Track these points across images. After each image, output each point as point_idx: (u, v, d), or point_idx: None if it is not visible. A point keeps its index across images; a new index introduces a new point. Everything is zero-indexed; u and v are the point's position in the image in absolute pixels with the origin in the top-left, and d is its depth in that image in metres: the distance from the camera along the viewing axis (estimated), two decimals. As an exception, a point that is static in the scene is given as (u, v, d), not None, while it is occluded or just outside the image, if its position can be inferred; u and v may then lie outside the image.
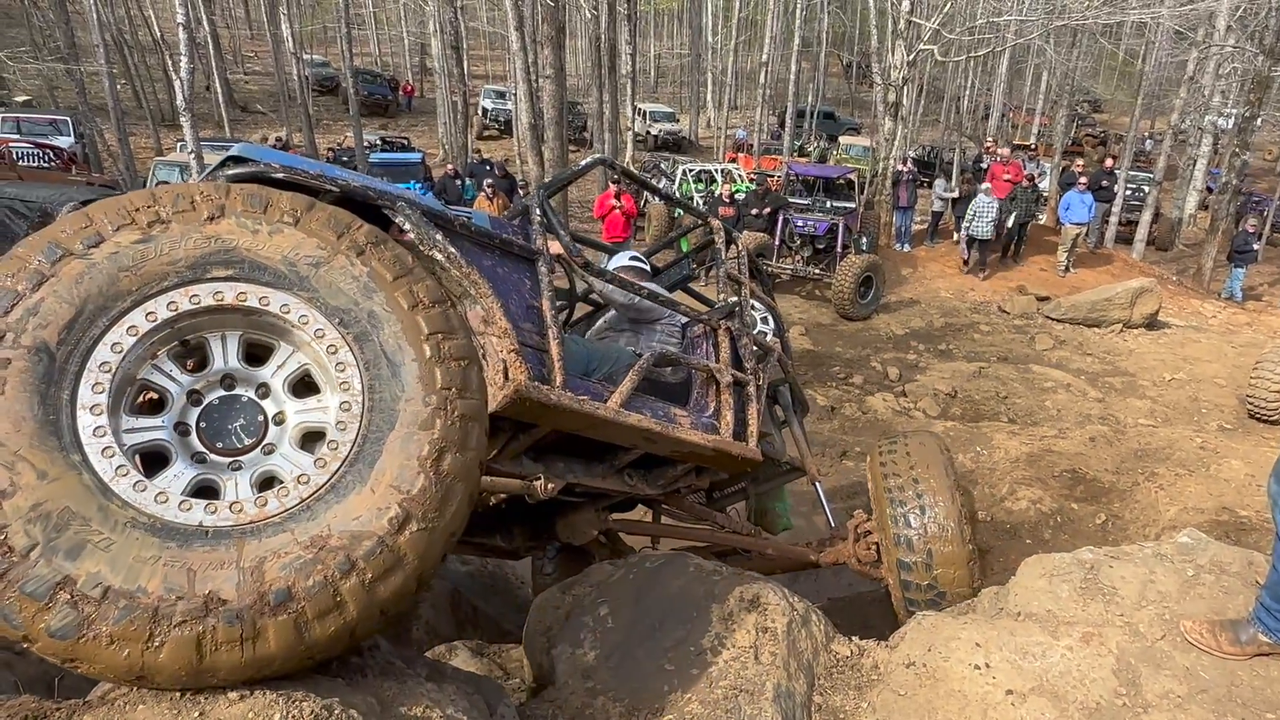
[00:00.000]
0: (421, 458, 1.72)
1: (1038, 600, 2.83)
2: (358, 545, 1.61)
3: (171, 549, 1.51)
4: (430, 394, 1.79)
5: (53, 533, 1.44)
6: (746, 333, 3.61)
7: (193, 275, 1.72)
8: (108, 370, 1.62)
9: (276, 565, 1.55)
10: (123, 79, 26.65)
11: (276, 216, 1.82)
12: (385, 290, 1.85)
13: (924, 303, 14.41)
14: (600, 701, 2.38)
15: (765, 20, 28.23)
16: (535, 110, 14.00)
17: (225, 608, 1.49)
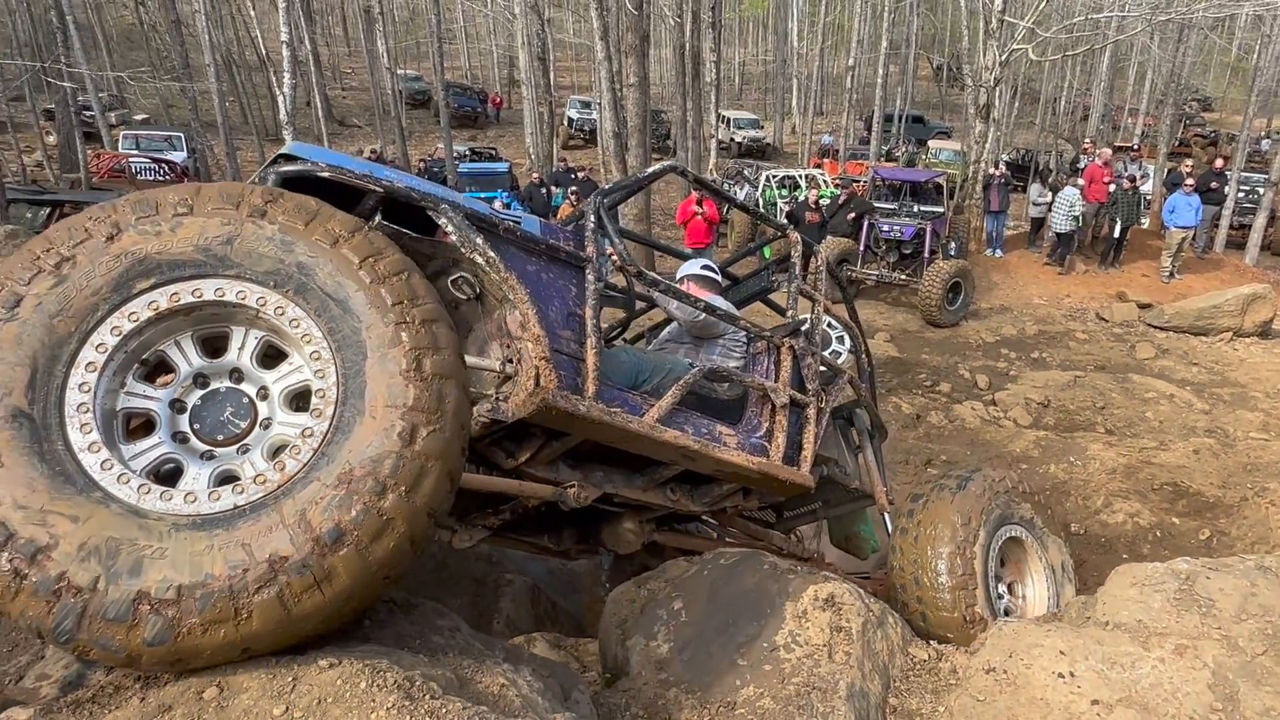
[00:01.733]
0: (403, 371, 1.81)
1: (1127, 610, 2.73)
2: (381, 467, 1.71)
3: (220, 534, 1.62)
4: (385, 313, 1.85)
5: (108, 561, 1.55)
6: (813, 352, 3.49)
7: (120, 296, 1.77)
8: (86, 410, 1.70)
9: (318, 511, 1.66)
10: (231, 96, 28.08)
11: (170, 212, 1.86)
12: (302, 239, 1.89)
13: (1016, 309, 13.97)
14: (673, 693, 2.41)
15: (852, 24, 27.86)
16: (619, 119, 14.17)
17: (289, 562, 1.60)
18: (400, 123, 24.82)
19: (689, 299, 3.19)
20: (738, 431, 3.14)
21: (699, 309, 3.21)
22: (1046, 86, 32.60)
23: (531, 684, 1.91)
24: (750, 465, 3.05)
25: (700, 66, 23.23)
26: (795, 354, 3.40)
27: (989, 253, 16.22)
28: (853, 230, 13.74)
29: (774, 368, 3.39)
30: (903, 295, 13.80)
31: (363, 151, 23.44)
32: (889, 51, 26.84)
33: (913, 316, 13.04)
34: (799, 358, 3.41)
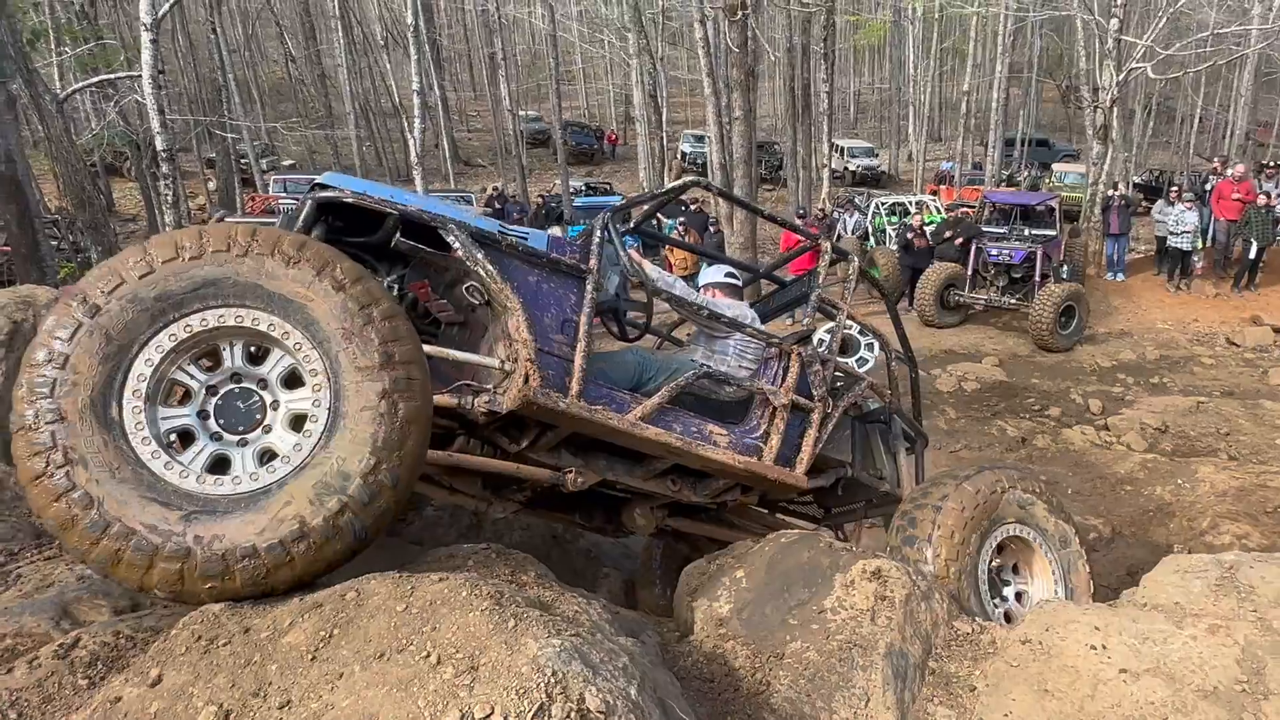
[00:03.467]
0: (376, 364, 2.27)
1: (1166, 593, 2.90)
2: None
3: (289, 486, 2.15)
4: (358, 326, 2.27)
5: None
6: (823, 359, 3.64)
7: (181, 311, 2.19)
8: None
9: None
10: (368, 141, 30.22)
11: (241, 249, 2.26)
12: (316, 282, 2.28)
13: (1136, 334, 13.51)
14: (730, 645, 2.75)
15: (968, 48, 27.52)
16: (726, 151, 14.63)
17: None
18: (521, 161, 26.14)
19: (688, 305, 3.47)
20: (731, 431, 3.40)
21: (701, 315, 3.50)
22: (1182, 105, 31.14)
23: (601, 614, 2.31)
24: (736, 463, 3.32)
25: (811, 97, 23.51)
26: (802, 360, 3.58)
27: (1109, 276, 15.72)
28: (960, 255, 13.68)
29: (781, 373, 3.59)
30: (1013, 319, 13.60)
31: (486, 189, 24.81)
32: (1008, 75, 26.33)
33: (1023, 341, 12.84)
34: (806, 364, 3.58)
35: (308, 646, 1.93)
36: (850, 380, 3.98)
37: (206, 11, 21.28)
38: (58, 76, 15.54)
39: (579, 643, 1.94)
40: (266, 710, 1.79)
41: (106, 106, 16.88)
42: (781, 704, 2.53)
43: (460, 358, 2.96)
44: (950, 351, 12.60)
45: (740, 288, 4.12)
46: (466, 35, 47.68)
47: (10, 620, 2.38)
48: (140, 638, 2.25)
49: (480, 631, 1.91)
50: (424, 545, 3.98)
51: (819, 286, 3.83)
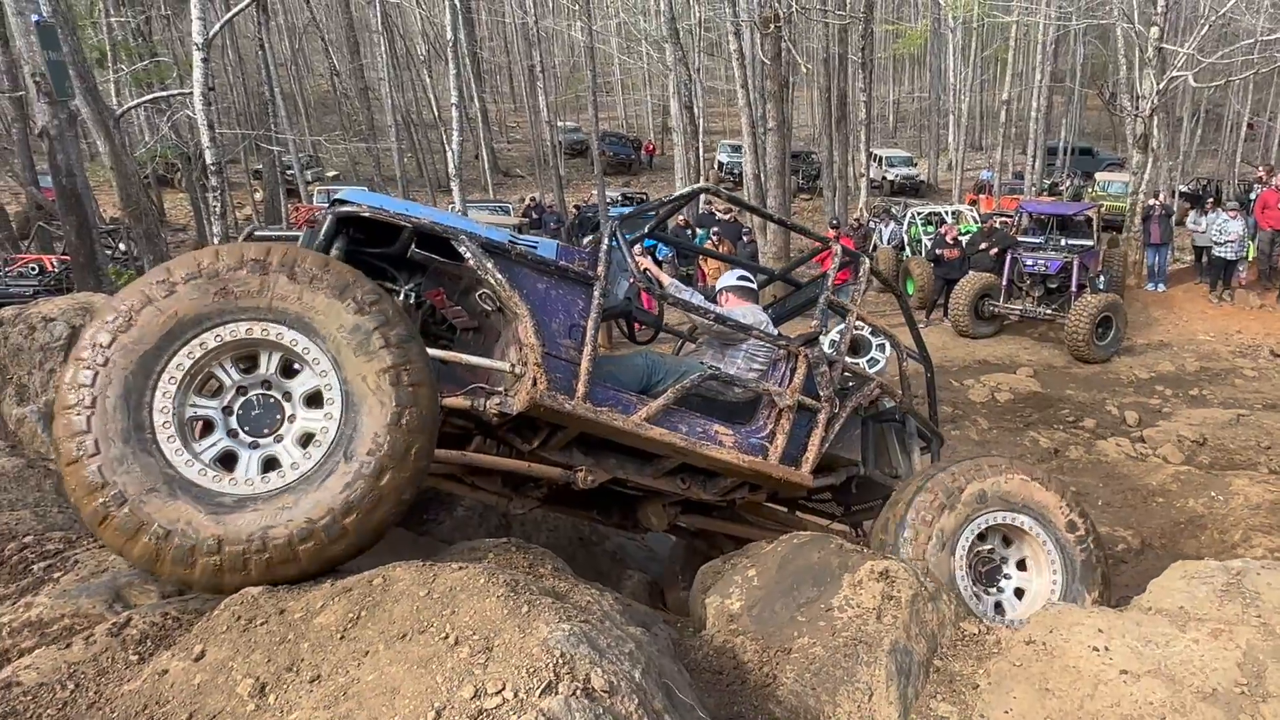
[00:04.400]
0: (389, 379, 2.47)
1: (1171, 598, 2.95)
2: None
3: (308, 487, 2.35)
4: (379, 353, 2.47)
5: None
6: (830, 360, 3.72)
7: (219, 320, 2.44)
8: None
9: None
10: (409, 153, 30.81)
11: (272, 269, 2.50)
12: (339, 301, 2.50)
13: (1176, 346, 13.32)
14: (740, 640, 2.86)
15: (1008, 56, 27.29)
16: (759, 162, 14.73)
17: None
18: (558, 172, 26.44)
19: (698, 309, 3.59)
20: (737, 431, 3.50)
21: (709, 319, 3.62)
22: (1229, 112, 30.53)
23: (613, 605, 2.43)
24: (741, 463, 3.42)
25: (848, 106, 23.50)
26: (809, 362, 3.66)
27: (1150, 287, 15.51)
28: (995, 265, 13.61)
29: (789, 374, 3.68)
30: (1049, 330, 13.49)
31: (524, 199, 25.14)
32: (1050, 83, 26.06)
33: (1059, 352, 12.73)
34: (812, 365, 3.66)
35: (337, 627, 2.09)
36: (860, 381, 4.05)
37: (255, 28, 21.92)
38: (114, 93, 16.15)
39: (588, 628, 2.07)
40: (299, 683, 1.95)
41: (160, 121, 17.48)
42: (787, 696, 2.64)
43: (472, 362, 3.12)
44: (984, 362, 12.54)
45: (754, 291, 4.19)
46: (506, 48, 48.34)
47: (68, 601, 2.58)
48: (185, 618, 2.42)
49: (495, 616, 2.05)
50: (454, 544, 4.14)
51: (829, 289, 3.87)
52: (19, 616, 2.53)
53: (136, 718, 1.94)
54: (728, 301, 4.07)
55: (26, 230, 17.01)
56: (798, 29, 25.65)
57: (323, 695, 1.88)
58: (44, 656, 2.24)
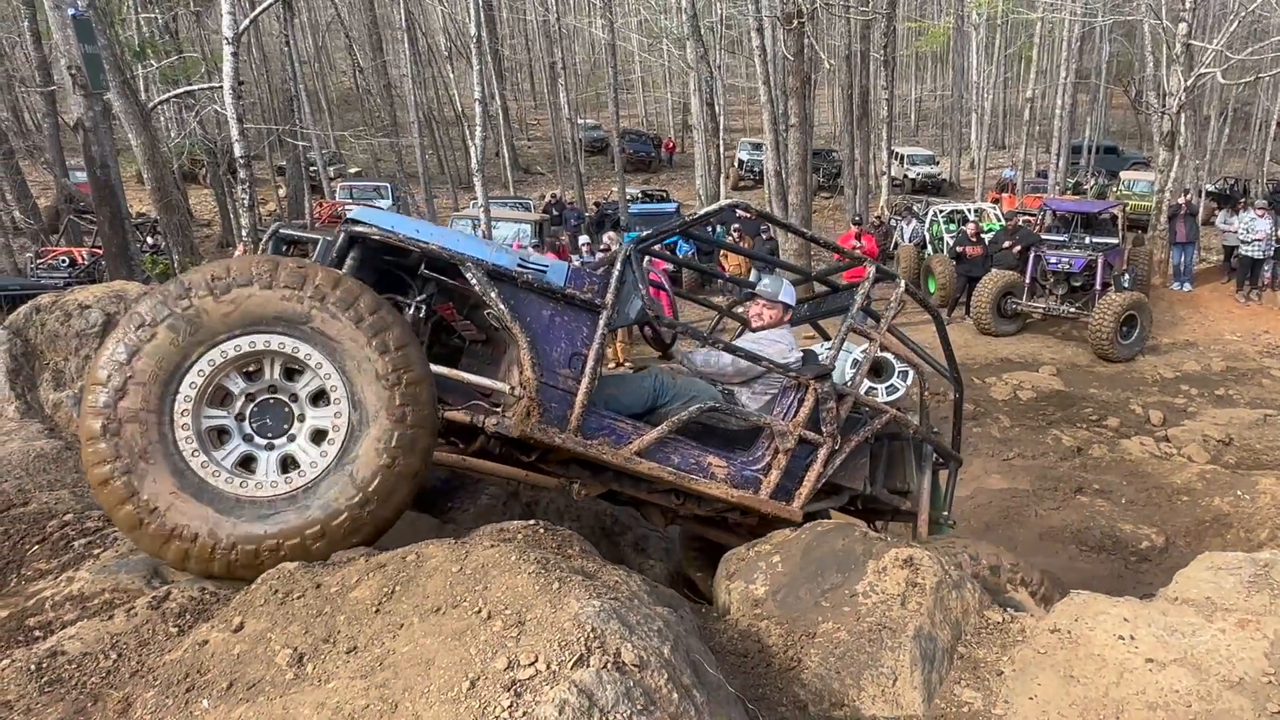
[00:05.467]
0: (387, 382, 2.64)
1: (1198, 588, 2.94)
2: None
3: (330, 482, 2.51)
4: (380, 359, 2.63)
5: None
6: (840, 394, 3.65)
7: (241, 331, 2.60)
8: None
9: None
10: (430, 149, 30.96)
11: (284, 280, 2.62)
12: (343, 315, 2.64)
13: (1202, 345, 13.19)
14: (764, 624, 2.88)
15: (1032, 54, 27.07)
16: (781, 159, 14.70)
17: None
18: (579, 169, 26.53)
19: (715, 343, 3.60)
20: (731, 462, 3.50)
21: (719, 348, 3.62)
22: (1259, 110, 30.12)
23: (640, 585, 2.47)
24: (729, 497, 3.44)
25: (870, 104, 23.41)
26: (818, 395, 3.60)
27: (1176, 286, 15.36)
28: (1019, 263, 13.53)
29: (796, 404, 3.63)
30: (1072, 329, 13.40)
31: (545, 197, 25.23)
32: (1075, 81, 25.81)
33: (1082, 350, 12.65)
34: (821, 400, 3.61)
35: (372, 600, 2.14)
36: (873, 412, 3.96)
37: (280, 25, 22.13)
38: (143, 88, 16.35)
39: (617, 605, 2.10)
40: (335, 654, 1.99)
41: (187, 116, 17.69)
42: (811, 680, 2.66)
43: (472, 381, 3.16)
44: (1006, 360, 12.48)
45: (789, 308, 4.07)
46: (528, 45, 48.50)
47: (109, 576, 2.64)
48: (222, 593, 2.48)
49: (527, 591, 2.08)
50: (481, 528, 4.19)
51: (851, 316, 3.79)
52: (61, 590, 2.60)
53: (178, 685, 2.00)
54: (766, 315, 4.01)
55: (57, 223, 17.27)
56: (820, 26, 25.56)
57: (359, 666, 1.92)
58: (87, 628, 2.31)
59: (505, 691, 1.74)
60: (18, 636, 2.35)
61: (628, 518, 5.26)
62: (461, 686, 1.78)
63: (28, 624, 2.41)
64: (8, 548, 2.94)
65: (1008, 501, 7.63)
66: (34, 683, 2.09)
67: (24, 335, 4.48)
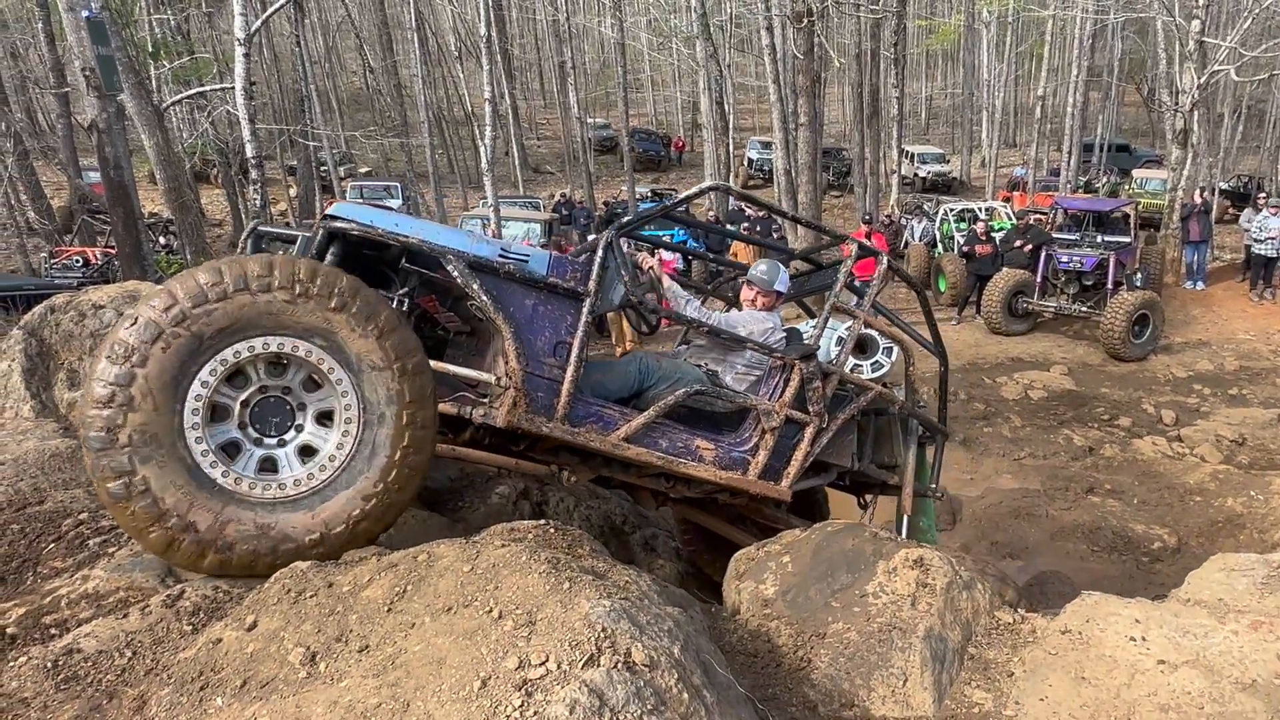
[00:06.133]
0: (394, 375, 2.70)
1: (1210, 590, 2.93)
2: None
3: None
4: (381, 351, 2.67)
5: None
6: (825, 373, 3.66)
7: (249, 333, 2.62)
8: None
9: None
10: (440, 149, 31.05)
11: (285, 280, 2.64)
12: (341, 311, 2.68)
13: (1215, 344, 13.11)
14: (774, 624, 2.89)
15: (1043, 52, 26.92)
16: (790, 157, 14.68)
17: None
18: (588, 168, 26.53)
19: (696, 323, 3.61)
20: (719, 444, 3.51)
21: (704, 330, 3.64)
22: (1273, 107, 29.90)
23: (650, 585, 2.47)
24: (718, 479, 3.46)
25: (880, 102, 23.34)
26: (803, 375, 3.62)
27: (1189, 285, 15.26)
28: (1030, 262, 13.47)
29: (782, 384, 3.64)
30: (1084, 328, 13.34)
31: (554, 195, 25.25)
32: (1087, 79, 25.65)
33: (1094, 349, 12.58)
34: (806, 380, 3.62)
35: (384, 600, 2.15)
36: (859, 390, 3.98)
37: (291, 26, 22.22)
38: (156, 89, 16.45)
39: (627, 605, 2.11)
40: (347, 653, 2.01)
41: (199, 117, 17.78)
42: (821, 680, 2.66)
43: (459, 373, 3.18)
44: (1017, 359, 12.43)
45: (780, 293, 4.06)
46: (537, 44, 48.52)
47: (123, 575, 2.66)
48: (235, 592, 2.50)
49: (538, 591, 2.09)
50: (492, 527, 4.20)
51: (836, 294, 3.82)
52: (76, 588, 2.62)
53: (193, 683, 2.01)
54: (758, 300, 4.01)
55: (71, 223, 17.39)
56: (830, 24, 25.49)
57: (372, 664, 1.94)
58: (102, 626, 2.33)
59: (516, 691, 1.75)
60: (34, 634, 2.37)
61: (637, 516, 5.28)
62: (473, 686, 1.79)
63: (44, 622, 2.44)
64: (24, 546, 2.97)
65: (1019, 501, 7.61)
66: (50, 680, 2.11)
67: (39, 335, 4.52)
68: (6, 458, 3.60)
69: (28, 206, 16.37)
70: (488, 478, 4.54)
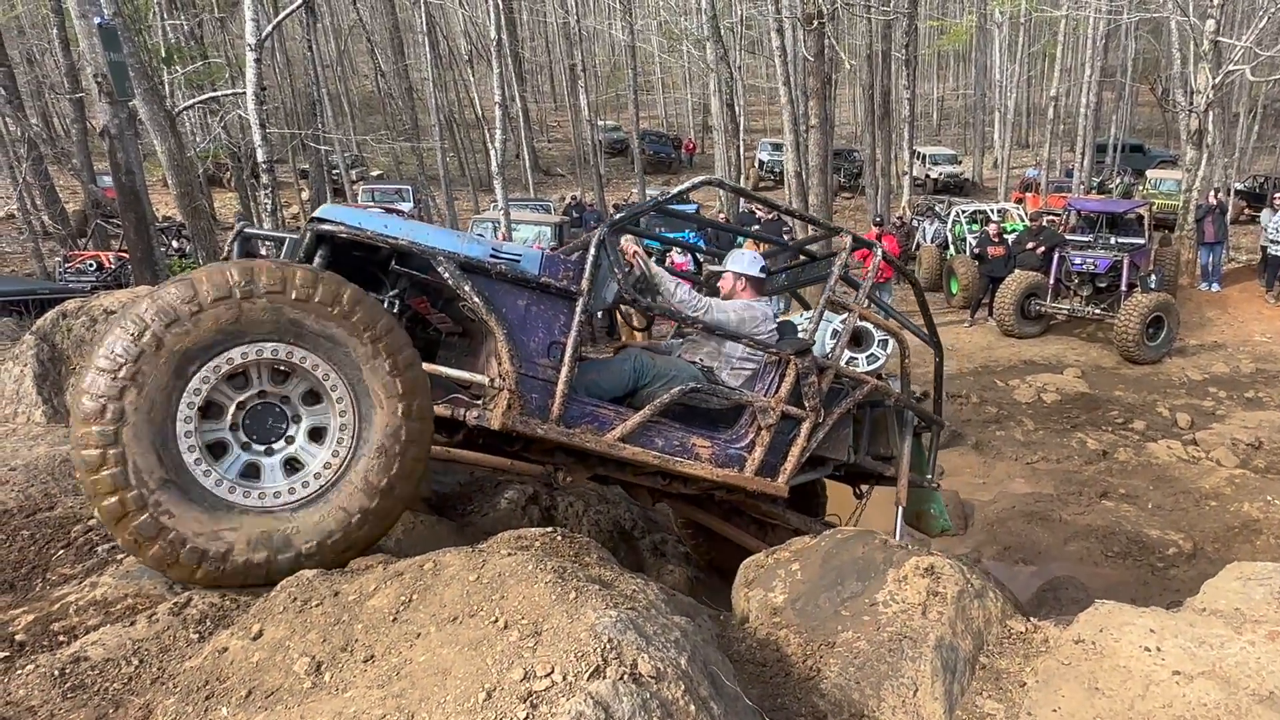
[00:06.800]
0: (390, 371, 2.66)
1: (1226, 599, 2.89)
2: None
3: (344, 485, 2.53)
4: (371, 346, 2.64)
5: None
6: (820, 367, 3.64)
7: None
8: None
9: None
10: (451, 152, 31.11)
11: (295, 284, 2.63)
12: (338, 315, 2.64)
13: (1231, 347, 12.98)
14: (783, 633, 2.86)
15: (1056, 52, 26.76)
16: (801, 159, 14.64)
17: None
18: (599, 170, 26.54)
19: (690, 321, 3.57)
20: (715, 442, 3.48)
21: (698, 328, 3.62)
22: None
23: (658, 594, 2.45)
24: (714, 476, 3.44)
25: (891, 103, 23.26)
26: (799, 371, 3.60)
27: (1204, 286, 15.13)
28: (1043, 263, 13.39)
29: (778, 380, 3.63)
30: (1097, 330, 13.24)
31: (565, 198, 25.27)
32: (1100, 79, 25.48)
33: (1108, 352, 12.49)
34: (802, 375, 3.61)
35: (389, 609, 2.14)
36: (855, 383, 3.98)
37: (303, 30, 22.33)
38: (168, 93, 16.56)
39: (634, 616, 2.09)
40: (353, 663, 2.00)
41: (211, 121, 17.88)
42: (831, 690, 2.63)
43: (453, 375, 3.16)
44: (1030, 362, 12.35)
45: (763, 280, 4.07)
46: (548, 47, 48.59)
47: (131, 582, 2.66)
48: (242, 600, 2.50)
49: (544, 601, 2.08)
50: (499, 534, 4.20)
51: (831, 287, 3.79)
52: (85, 595, 2.63)
53: (198, 692, 2.01)
54: (734, 287, 3.99)
55: (85, 228, 17.51)
56: (840, 25, 25.44)
57: (376, 675, 1.93)
58: (110, 633, 2.33)
59: (521, 703, 1.73)
60: (43, 641, 2.38)
61: (646, 521, 5.26)
62: (478, 697, 1.78)
63: (52, 628, 2.44)
64: (34, 552, 2.97)
65: (1031, 506, 7.55)
66: (58, 688, 2.11)
67: (51, 340, 4.54)
68: (18, 463, 3.61)
69: (42, 211, 16.51)
70: (496, 482, 4.53)
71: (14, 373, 4.44)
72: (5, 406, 4.37)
